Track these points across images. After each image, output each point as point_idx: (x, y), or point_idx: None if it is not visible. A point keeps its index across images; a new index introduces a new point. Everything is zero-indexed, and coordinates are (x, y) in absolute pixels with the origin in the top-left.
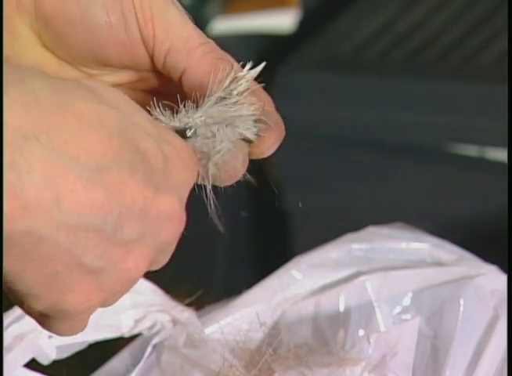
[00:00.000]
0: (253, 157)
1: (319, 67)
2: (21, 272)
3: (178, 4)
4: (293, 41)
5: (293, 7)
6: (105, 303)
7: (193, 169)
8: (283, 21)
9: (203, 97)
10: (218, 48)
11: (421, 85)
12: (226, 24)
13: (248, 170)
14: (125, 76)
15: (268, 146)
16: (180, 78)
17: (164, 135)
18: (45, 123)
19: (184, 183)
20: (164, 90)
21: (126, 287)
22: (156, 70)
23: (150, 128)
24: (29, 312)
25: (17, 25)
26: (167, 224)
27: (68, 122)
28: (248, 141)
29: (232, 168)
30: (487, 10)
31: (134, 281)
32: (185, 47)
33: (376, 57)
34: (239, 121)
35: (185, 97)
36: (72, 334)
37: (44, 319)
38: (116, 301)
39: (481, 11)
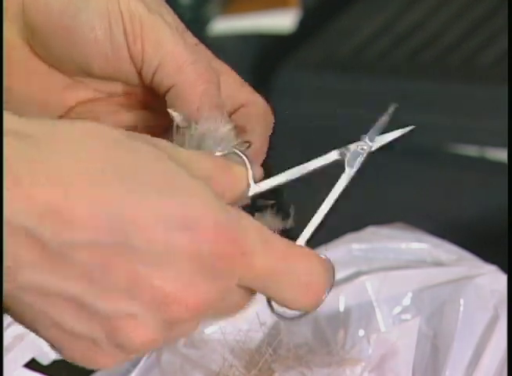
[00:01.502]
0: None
1: (319, 67)
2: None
3: (171, 20)
4: (293, 41)
5: (293, 7)
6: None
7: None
8: (283, 21)
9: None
10: (209, 68)
11: (421, 85)
12: (226, 24)
13: None
14: (113, 87)
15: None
16: (165, 93)
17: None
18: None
19: (162, 300)
20: (151, 104)
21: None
22: (144, 85)
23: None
24: None
25: (6, 32)
26: (132, 333)
27: (66, 167)
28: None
29: None
30: (487, 10)
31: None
32: (175, 64)
33: (376, 57)
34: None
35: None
36: (91, 364)
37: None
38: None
39: (481, 11)
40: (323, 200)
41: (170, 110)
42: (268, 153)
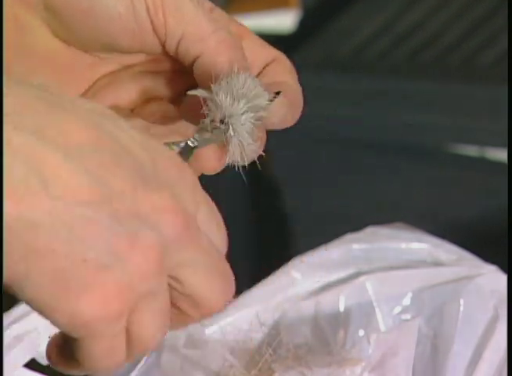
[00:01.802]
0: (271, 128)
1: (319, 67)
2: (28, 274)
3: None
4: (293, 41)
5: (294, 7)
6: (127, 311)
7: (184, 170)
8: (283, 21)
9: (216, 83)
10: (230, 35)
11: (421, 85)
12: None
13: (248, 170)
14: (137, 58)
15: (281, 115)
16: (192, 64)
17: (149, 140)
18: (16, 109)
19: (176, 181)
20: (175, 72)
21: (142, 285)
22: (168, 54)
23: (134, 132)
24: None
25: (24, 17)
26: (165, 217)
27: (40, 108)
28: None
29: (253, 142)
30: (487, 10)
31: (148, 278)
32: (198, 34)
33: (376, 57)
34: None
35: (194, 81)
36: (113, 365)
37: (79, 351)
38: (147, 318)
39: (481, 11)
40: (324, 200)
41: (191, 92)
42: (266, 152)
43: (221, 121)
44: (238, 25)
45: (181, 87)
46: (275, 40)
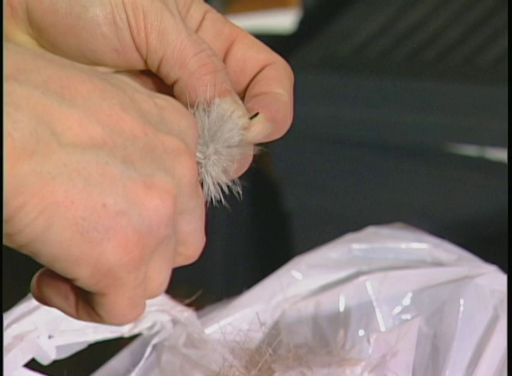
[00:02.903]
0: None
1: (319, 67)
2: (49, 228)
3: (175, 9)
4: (293, 41)
5: (293, 7)
6: (147, 256)
7: (190, 118)
8: (283, 21)
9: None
10: (212, 58)
11: (421, 85)
12: None
13: (248, 170)
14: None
15: (261, 134)
16: (172, 85)
17: (153, 92)
18: (20, 66)
19: (184, 129)
20: (159, 90)
21: (160, 230)
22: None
23: (138, 86)
24: (85, 310)
25: (12, 30)
26: (178, 160)
27: (42, 64)
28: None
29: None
30: (487, 10)
31: (165, 222)
32: (179, 58)
33: (376, 57)
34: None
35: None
36: (136, 317)
37: (100, 306)
38: (160, 264)
39: (481, 11)
40: (324, 200)
41: None
42: (266, 152)
43: None
44: (233, 27)
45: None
46: (274, 40)
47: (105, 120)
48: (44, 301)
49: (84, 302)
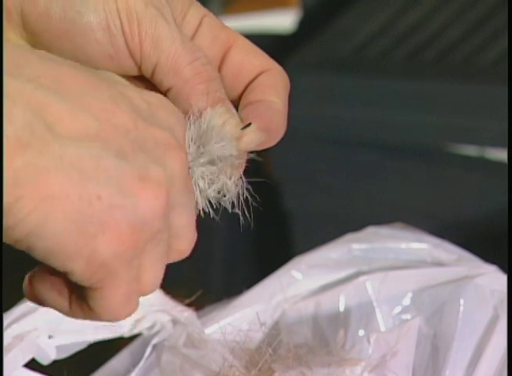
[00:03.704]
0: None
1: (319, 67)
2: (45, 221)
3: (170, 16)
4: (293, 41)
5: (293, 7)
6: (140, 250)
7: (179, 114)
8: (283, 21)
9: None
10: (206, 66)
11: (421, 85)
12: (226, 24)
13: (247, 170)
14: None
15: (249, 142)
16: (166, 92)
17: (142, 89)
18: (13, 60)
19: (172, 124)
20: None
21: (154, 223)
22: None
23: (127, 82)
24: (76, 306)
25: (7, 34)
26: (169, 153)
27: (34, 59)
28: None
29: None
30: (487, 10)
31: (159, 215)
32: (172, 66)
33: (376, 57)
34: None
35: None
36: (129, 314)
37: (94, 301)
38: (154, 259)
39: (481, 11)
40: (324, 200)
41: None
42: (266, 152)
43: None
44: (230, 32)
45: None
46: (274, 40)
47: (97, 114)
48: (36, 298)
49: (78, 298)
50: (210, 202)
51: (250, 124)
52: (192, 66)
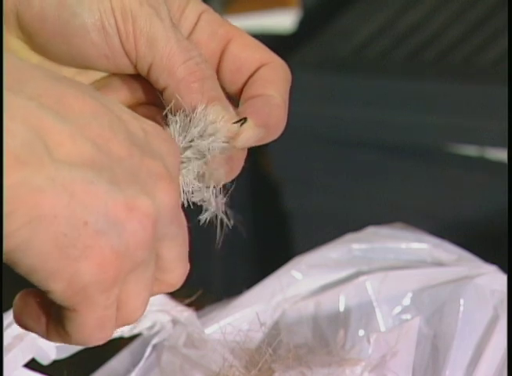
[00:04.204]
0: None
1: (319, 67)
2: (31, 239)
3: (166, 15)
4: (293, 41)
5: (293, 7)
6: (121, 279)
7: (173, 145)
8: (283, 21)
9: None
10: (201, 65)
11: (421, 85)
12: None
13: (248, 169)
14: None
15: (246, 139)
16: (162, 92)
17: (139, 116)
18: (14, 76)
19: (166, 155)
20: (150, 94)
21: (138, 253)
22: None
23: (125, 108)
24: (52, 324)
25: (5, 35)
26: (159, 184)
27: (37, 76)
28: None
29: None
30: (487, 10)
31: (143, 245)
32: (167, 65)
33: (376, 57)
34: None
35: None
36: (103, 339)
37: (69, 322)
38: (137, 289)
39: (481, 11)
40: (324, 200)
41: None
42: (266, 152)
43: None
44: (229, 27)
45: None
46: (274, 40)
47: (95, 139)
48: (19, 321)
49: (55, 321)
50: (203, 200)
51: (245, 119)
52: (187, 66)
